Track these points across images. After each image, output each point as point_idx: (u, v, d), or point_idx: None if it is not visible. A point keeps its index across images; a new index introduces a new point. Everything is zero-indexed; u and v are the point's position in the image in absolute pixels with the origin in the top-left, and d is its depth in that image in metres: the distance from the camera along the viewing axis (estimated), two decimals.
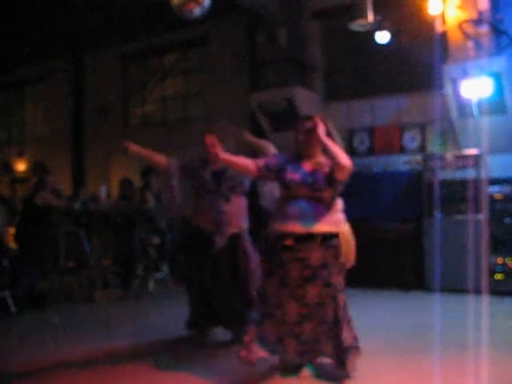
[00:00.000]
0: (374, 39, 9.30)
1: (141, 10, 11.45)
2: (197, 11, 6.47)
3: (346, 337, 4.12)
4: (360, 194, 9.51)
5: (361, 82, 10.44)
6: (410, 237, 8.85)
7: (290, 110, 10.00)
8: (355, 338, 4.22)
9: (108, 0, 11.25)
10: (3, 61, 14.49)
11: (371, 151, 10.16)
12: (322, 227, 4.11)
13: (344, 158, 4.12)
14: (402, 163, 9.71)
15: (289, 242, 4.06)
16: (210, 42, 12.43)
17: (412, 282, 8.65)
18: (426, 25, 8.95)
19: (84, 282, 8.47)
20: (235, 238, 5.22)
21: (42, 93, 15.73)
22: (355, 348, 4.18)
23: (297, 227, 4.05)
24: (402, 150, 9.88)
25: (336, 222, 4.21)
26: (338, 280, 4.21)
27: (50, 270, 8.05)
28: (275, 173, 4.27)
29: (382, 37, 9.22)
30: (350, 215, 9.43)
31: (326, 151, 4.14)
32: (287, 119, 10.13)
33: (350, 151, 10.32)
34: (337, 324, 4.12)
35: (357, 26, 8.92)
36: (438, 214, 8.49)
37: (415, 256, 8.71)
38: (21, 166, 15.58)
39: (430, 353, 4.95)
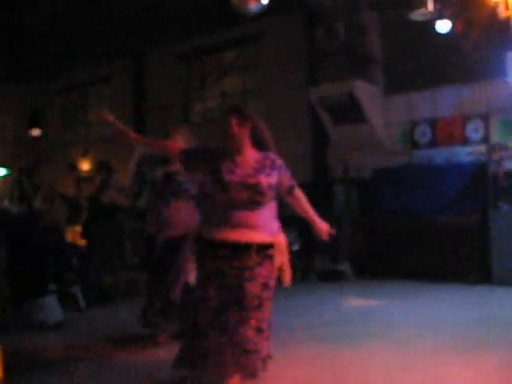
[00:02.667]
0: (434, 28, 9.12)
1: (198, 8, 11.56)
2: (256, 7, 6.50)
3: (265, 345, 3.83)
4: (423, 186, 9.44)
5: (421, 72, 10.24)
6: (474, 229, 8.70)
7: (351, 104, 9.95)
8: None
9: None
10: (67, 64, 14.89)
11: (433, 143, 10.00)
12: (258, 236, 3.70)
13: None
14: (465, 154, 9.54)
15: (224, 251, 3.69)
16: (269, 38, 12.43)
17: (478, 275, 8.50)
18: (489, 11, 8.73)
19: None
20: (174, 241, 5.30)
21: (105, 93, 16.08)
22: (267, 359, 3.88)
23: (232, 236, 3.67)
24: (465, 141, 9.68)
25: (273, 230, 3.82)
26: (273, 285, 3.82)
27: (116, 266, 8.24)
28: (205, 164, 3.82)
29: (443, 26, 9.03)
30: (414, 208, 9.43)
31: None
32: (348, 112, 10.09)
33: (412, 143, 10.21)
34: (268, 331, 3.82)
35: (416, 15, 8.78)
36: (504, 206, 8.31)
37: (480, 249, 8.55)
38: (85, 166, 15.96)
39: (499, 349, 4.85)
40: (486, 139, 9.45)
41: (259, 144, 3.87)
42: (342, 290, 8.52)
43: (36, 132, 17.09)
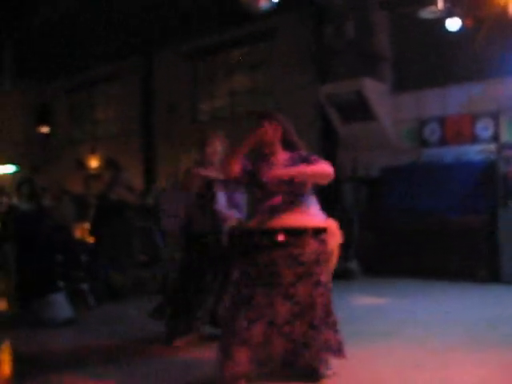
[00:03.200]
0: (444, 27, 9.08)
1: (207, 6, 11.56)
2: (265, 5, 6.50)
3: (330, 339, 3.93)
4: (432, 185, 9.41)
5: (431, 70, 10.21)
6: (483, 228, 8.66)
7: (359, 102, 9.94)
8: (340, 343, 4.00)
9: None
10: (76, 62, 14.92)
11: (443, 141, 9.98)
12: (312, 220, 3.91)
13: (322, 173, 4.01)
14: (474, 153, 9.51)
15: (280, 237, 3.81)
16: (277, 36, 12.43)
17: (486, 274, 8.46)
18: (499, 9, 8.70)
19: (158, 276, 8.62)
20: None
21: (113, 91, 16.12)
22: (339, 352, 3.99)
23: (287, 220, 3.85)
24: (475, 139, 9.67)
25: (322, 216, 4.00)
26: (328, 278, 3.98)
27: (125, 263, 8.24)
28: (250, 176, 4.07)
29: (453, 24, 8.99)
30: (423, 206, 9.42)
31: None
32: (356, 110, 10.07)
33: (421, 142, 10.18)
34: (325, 325, 3.92)
35: (426, 13, 8.75)
36: None
37: (489, 248, 8.52)
38: (94, 163, 16.01)
39: (510, 348, 4.83)
40: (495, 138, 9.43)
41: (289, 146, 4.13)
42: (352, 288, 8.49)
43: (45, 129, 17.15)
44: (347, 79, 10.09)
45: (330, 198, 4.46)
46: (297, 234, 3.84)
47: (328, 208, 4.15)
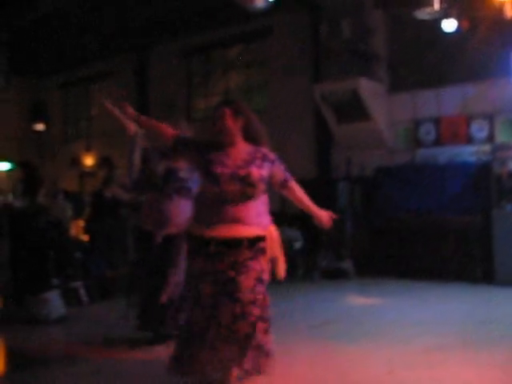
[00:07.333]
0: (440, 27, 9.09)
1: (203, 4, 11.54)
2: (260, 4, 6.51)
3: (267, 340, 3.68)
4: (426, 185, 9.43)
5: (426, 71, 10.22)
6: (478, 229, 8.69)
7: (355, 101, 9.93)
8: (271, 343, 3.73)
9: None
10: (70, 58, 14.89)
11: (437, 142, 9.98)
12: (249, 230, 3.65)
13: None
14: (469, 154, 9.52)
15: (216, 248, 3.61)
16: (273, 35, 12.41)
17: (480, 275, 8.49)
18: (495, 11, 8.71)
19: None
20: (172, 239, 5.07)
21: (108, 88, 16.05)
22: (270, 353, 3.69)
23: (224, 231, 3.62)
24: (470, 140, 9.66)
25: (264, 223, 3.74)
26: (267, 281, 3.73)
27: (119, 261, 8.24)
28: (196, 155, 3.82)
29: (449, 25, 9.00)
30: (417, 207, 9.43)
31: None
32: (352, 110, 10.07)
33: (416, 142, 10.19)
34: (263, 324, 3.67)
35: (422, 14, 8.76)
36: (508, 206, 8.29)
37: (483, 248, 8.54)
38: (88, 161, 15.96)
39: (501, 348, 4.85)
40: (490, 139, 9.43)
41: (252, 139, 3.83)
42: (345, 288, 8.52)
43: (40, 127, 17.10)
44: (343, 79, 10.08)
45: (324, 198, 4.31)
46: (231, 245, 3.62)
47: (322, 207, 4.09)
